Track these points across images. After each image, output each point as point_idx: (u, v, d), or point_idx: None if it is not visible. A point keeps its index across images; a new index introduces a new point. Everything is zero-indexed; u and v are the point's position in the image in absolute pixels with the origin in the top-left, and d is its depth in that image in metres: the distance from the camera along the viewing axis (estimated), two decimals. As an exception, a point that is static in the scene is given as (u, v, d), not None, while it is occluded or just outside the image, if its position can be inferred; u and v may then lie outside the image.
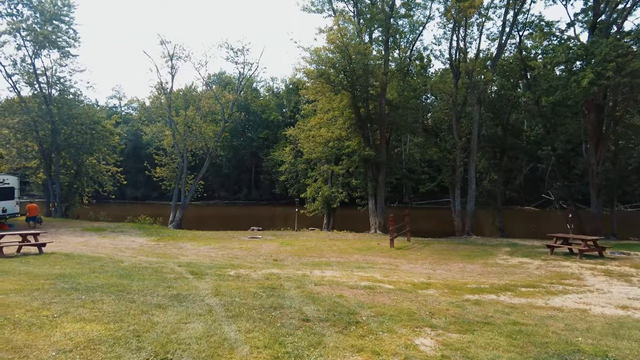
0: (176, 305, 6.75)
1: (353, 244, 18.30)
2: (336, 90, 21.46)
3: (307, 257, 14.63)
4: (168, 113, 29.33)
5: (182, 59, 30.22)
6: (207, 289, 8.20)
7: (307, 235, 22.60)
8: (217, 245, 17.74)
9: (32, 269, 10.25)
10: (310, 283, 9.21)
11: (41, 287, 7.81)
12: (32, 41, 29.42)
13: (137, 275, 9.61)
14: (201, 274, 10.09)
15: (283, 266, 12.24)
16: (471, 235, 23.86)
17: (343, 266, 12.54)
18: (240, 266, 11.70)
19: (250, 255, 15.08)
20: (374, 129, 24.25)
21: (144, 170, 67.01)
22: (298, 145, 52.75)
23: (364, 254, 15.56)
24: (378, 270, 11.97)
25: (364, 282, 9.68)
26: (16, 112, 30.46)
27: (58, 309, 6.22)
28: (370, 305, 7.36)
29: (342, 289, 8.72)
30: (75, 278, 8.96)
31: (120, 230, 23.55)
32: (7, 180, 22.90)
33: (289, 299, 7.58)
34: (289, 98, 72.30)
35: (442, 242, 19.99)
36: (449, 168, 25.12)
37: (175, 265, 11.58)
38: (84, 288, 7.81)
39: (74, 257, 13.00)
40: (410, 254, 16.02)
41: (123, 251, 15.32)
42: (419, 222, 31.22)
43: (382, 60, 22.29)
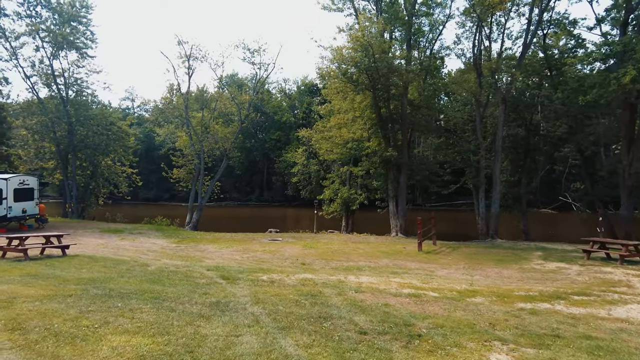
0: (219, 314, 6.33)
1: (378, 247, 17.78)
2: (358, 90, 20.98)
3: (335, 260, 14.16)
4: (185, 114, 29.08)
5: (199, 60, 29.96)
6: (245, 296, 7.79)
7: (328, 237, 22.12)
8: (239, 248, 17.34)
9: (59, 273, 9.92)
10: (349, 290, 8.76)
11: (74, 293, 7.45)
12: (50, 42, 29.41)
13: (167, 280, 9.23)
14: (233, 279, 9.68)
15: (314, 270, 11.79)
16: (495, 238, 23.21)
17: (375, 271, 12.05)
18: (270, 270, 11.27)
19: (276, 258, 14.65)
20: (395, 129, 23.71)
21: (156, 172, 67.10)
22: (312, 147, 52.44)
23: (393, 258, 15.04)
24: (414, 276, 11.45)
25: (406, 289, 9.19)
26: (35, 113, 30.47)
27: (97, 318, 5.83)
28: (423, 315, 6.89)
29: (386, 297, 8.25)
30: (106, 283, 8.60)
31: (138, 231, 23.29)
32: (27, 181, 22.75)
33: (334, 307, 7.13)
34: (301, 99, 71.99)
35: (469, 246, 19.38)
36: (473, 169, 24.49)
37: (203, 269, 11.18)
38: (117, 295, 7.43)
39: (98, 259, 12.69)
40: (441, 258, 15.47)
41: (145, 254, 14.98)
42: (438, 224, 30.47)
43: (403, 59, 21.74)
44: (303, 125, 57.49)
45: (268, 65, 31.06)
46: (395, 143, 23.63)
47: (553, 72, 25.86)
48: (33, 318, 5.69)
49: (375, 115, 22.98)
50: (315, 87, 70.30)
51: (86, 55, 31.16)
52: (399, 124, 23.61)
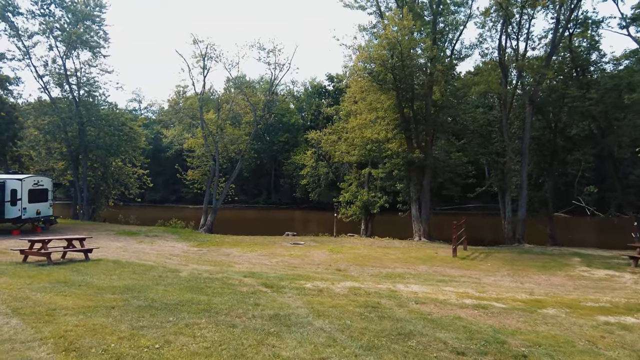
0: (286, 331, 5.64)
1: (408, 253, 17.04)
2: (385, 89, 20.28)
3: (370, 267, 13.45)
4: (200, 114, 28.46)
5: (214, 60, 29.34)
6: (301, 307, 7.09)
7: (351, 242, 21.41)
8: (264, 252, 16.64)
9: (89, 280, 9.24)
10: (408, 301, 8.06)
11: (115, 304, 6.77)
12: (63, 41, 28.88)
13: (207, 289, 8.55)
14: (277, 287, 8.98)
15: (354, 278, 11.08)
16: (523, 243, 22.46)
17: (420, 279, 11.34)
18: (309, 277, 10.56)
19: (307, 263, 13.95)
20: (418, 130, 22.99)
21: (162, 174, 66.59)
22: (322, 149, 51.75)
23: (429, 264, 14.31)
24: (462, 284, 10.73)
25: (466, 299, 8.48)
26: (47, 113, 29.93)
27: (154, 336, 5.14)
28: (508, 330, 6.20)
29: (452, 309, 7.55)
30: (144, 292, 7.92)
31: (153, 234, 22.64)
32: (42, 182, 22.13)
33: (406, 321, 6.43)
34: (309, 101, 71.40)
35: (501, 251, 18.63)
36: (498, 172, 23.75)
37: (239, 275, 10.50)
38: (162, 306, 6.74)
39: (123, 264, 12.03)
40: (479, 264, 14.73)
41: (170, 258, 14.31)
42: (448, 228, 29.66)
43: (432, 58, 21.05)
44: (311, 128, 56.88)
45: (283, 66, 30.49)
46: (418, 144, 22.91)
47: (579, 72, 25.17)
48: (84, 335, 5.01)
49: (399, 116, 22.29)
50: (323, 89, 69.73)
51: (100, 54, 30.63)
52: (423, 124, 22.89)
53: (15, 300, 6.82)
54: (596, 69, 23.84)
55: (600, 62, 24.79)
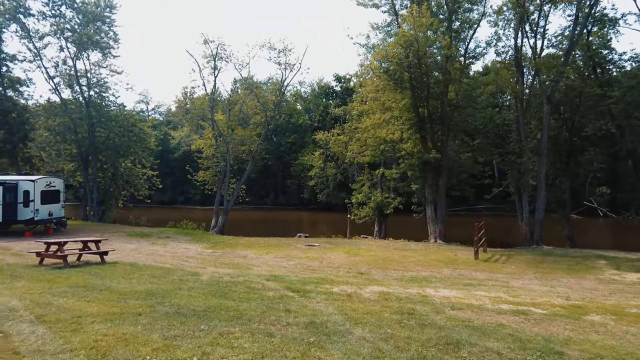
0: (326, 340, 5.31)
1: (427, 255, 16.65)
2: (402, 87, 19.90)
3: (392, 270, 13.08)
4: (211, 115, 28.23)
5: (224, 60, 29.09)
6: (334, 314, 6.76)
7: (366, 244, 21.03)
8: (280, 254, 16.32)
9: (109, 284, 8.97)
10: (443, 306, 7.71)
11: (141, 310, 6.47)
12: (74, 42, 28.78)
13: (232, 293, 8.24)
14: (303, 291, 8.66)
15: (378, 282, 10.72)
16: (541, 244, 21.98)
17: (447, 283, 10.95)
18: (333, 281, 10.22)
19: (326, 266, 13.60)
20: (434, 129, 22.58)
21: (170, 175, 66.48)
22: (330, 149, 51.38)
23: (452, 267, 13.91)
24: (492, 287, 10.34)
25: (502, 304, 8.11)
26: (57, 114, 29.83)
27: (189, 347, 4.82)
28: (559, 339, 5.84)
29: (491, 315, 7.18)
30: (168, 297, 7.62)
31: (165, 235, 22.39)
32: (54, 183, 21.97)
33: (449, 329, 6.09)
34: (316, 102, 71.08)
35: (522, 253, 18.18)
36: (515, 172, 23.29)
37: (261, 279, 10.18)
38: (191, 313, 6.43)
39: (140, 267, 11.77)
40: (502, 267, 14.31)
41: (186, 260, 14.02)
42: (459, 230, 29.16)
43: (449, 56, 20.65)
44: (319, 128, 56.54)
45: (293, 66, 30.20)
46: (434, 144, 22.50)
47: (598, 70, 24.66)
48: (115, 346, 4.70)
49: (414, 115, 21.90)
50: (331, 90, 69.38)
51: (110, 55, 30.51)
52: (438, 124, 22.48)
53: (38, 306, 6.54)
54: (615, 67, 23.31)
55: (620, 60, 24.27)
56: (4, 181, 19.97)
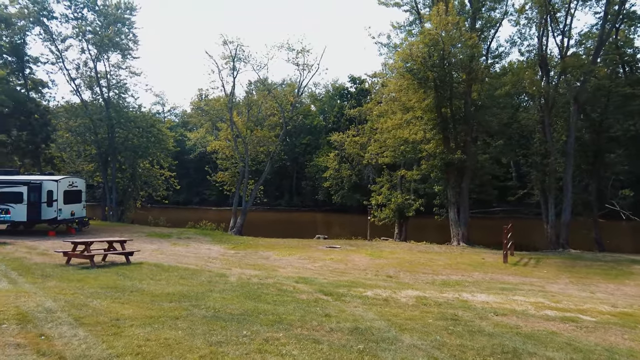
0: (376, 348, 5.06)
1: (454, 258, 16.25)
2: (428, 87, 19.54)
3: (421, 273, 12.75)
4: (230, 115, 28.18)
5: (242, 61, 29.03)
6: (377, 319, 6.50)
7: (388, 246, 20.70)
8: (302, 256, 16.09)
9: (139, 285, 8.85)
10: (486, 312, 7.40)
11: (178, 314, 6.30)
12: (95, 44, 29.07)
13: (265, 296, 8.05)
14: (336, 295, 8.42)
15: (410, 285, 10.42)
16: (567, 248, 21.38)
17: (481, 287, 10.59)
18: (364, 285, 9.95)
19: (352, 269, 13.33)
20: (457, 130, 22.14)
21: (185, 176, 66.92)
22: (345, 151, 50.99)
23: (482, 271, 13.52)
24: (529, 292, 9.95)
25: (546, 310, 7.76)
26: (79, 115, 30.16)
27: (237, 353, 4.62)
28: (623, 351, 5.51)
29: (539, 322, 6.86)
30: (201, 300, 7.44)
31: (185, 236, 22.36)
32: (76, 183, 22.13)
33: (500, 337, 5.79)
34: (331, 104, 70.84)
35: (551, 257, 17.65)
36: (540, 174, 22.71)
37: (290, 281, 9.97)
38: (229, 317, 6.24)
39: (166, 268, 11.65)
40: (534, 271, 13.86)
41: (210, 261, 13.89)
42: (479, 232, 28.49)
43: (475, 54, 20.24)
44: (334, 130, 56.25)
45: (311, 66, 29.99)
46: (457, 145, 22.07)
47: (626, 68, 23.96)
48: (161, 352, 4.52)
49: (436, 115, 21.51)
50: (346, 91, 69.05)
51: (130, 56, 30.75)
52: (462, 124, 22.04)
53: (74, 307, 6.41)
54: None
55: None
56: (29, 181, 20.17)
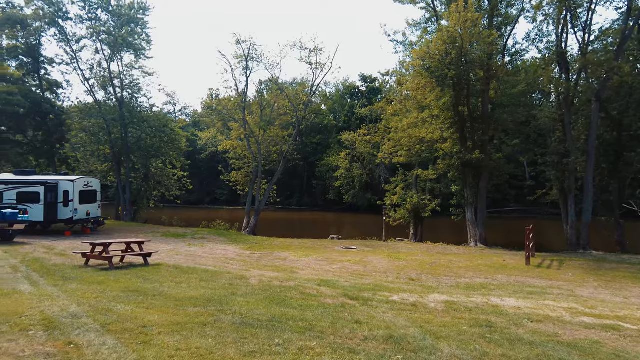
0: (415, 358, 4.80)
1: (474, 260, 15.91)
2: (446, 85, 19.19)
3: (443, 276, 12.45)
4: (243, 115, 28.08)
5: (255, 60, 28.89)
6: (409, 326, 6.26)
7: (404, 247, 20.41)
8: (319, 257, 15.89)
9: (159, 288, 8.72)
10: (519, 318, 7.14)
11: (204, 320, 6.13)
12: (109, 45, 29.17)
13: (290, 300, 7.86)
14: (362, 299, 8.20)
15: (434, 289, 10.14)
16: (588, 249, 20.86)
17: (507, 290, 10.28)
18: (388, 289, 9.70)
19: (372, 271, 13.08)
20: (475, 128, 21.75)
21: (196, 176, 67.20)
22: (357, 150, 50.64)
23: (505, 273, 13.18)
24: (559, 297, 9.62)
25: (582, 317, 7.46)
26: (93, 115, 30.31)
27: (273, 364, 4.41)
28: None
29: (579, 330, 6.56)
30: (226, 304, 7.27)
31: (200, 236, 22.30)
32: (91, 184, 22.20)
33: (543, 346, 5.54)
34: (342, 103, 70.51)
35: (573, 259, 17.21)
36: (560, 174, 22.21)
37: (312, 284, 9.77)
38: (257, 323, 6.05)
39: (185, 270, 11.53)
40: (558, 273, 13.47)
41: (228, 263, 13.76)
42: (493, 233, 27.98)
43: (494, 51, 19.88)
44: (344, 129, 55.93)
45: (324, 65, 29.74)
46: (474, 144, 21.68)
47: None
48: (194, 363, 4.33)
49: (453, 114, 21.15)
50: (356, 90, 68.71)
51: (144, 56, 30.80)
52: (479, 123, 21.65)
53: (99, 312, 6.28)
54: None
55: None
56: (46, 181, 20.26)
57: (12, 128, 29.26)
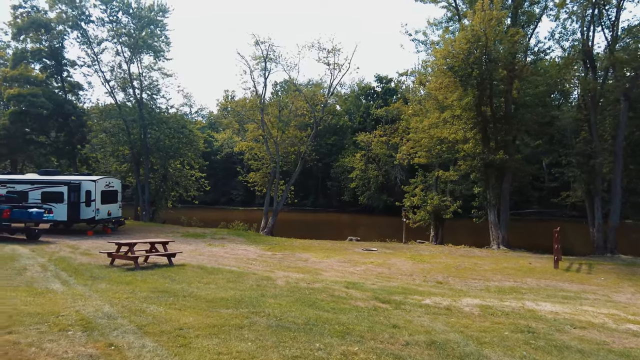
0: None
1: (500, 263, 15.57)
2: (471, 85, 18.88)
3: (470, 279, 12.18)
4: (261, 116, 28.11)
5: (273, 61, 28.88)
6: (448, 331, 6.07)
7: (426, 249, 20.14)
8: (341, 259, 15.73)
9: (188, 288, 8.68)
10: (560, 324, 6.92)
11: (240, 322, 6.03)
12: (129, 46, 29.50)
13: (321, 303, 7.74)
14: (394, 303, 8.02)
15: (465, 292, 9.91)
16: (616, 253, 20.31)
17: (539, 294, 10.00)
18: (419, 292, 9.50)
19: (397, 273, 12.86)
20: (497, 129, 21.34)
21: (212, 176, 67.62)
22: (372, 151, 50.22)
23: (534, 277, 12.84)
24: (596, 302, 9.29)
25: (628, 324, 7.19)
26: (113, 116, 30.69)
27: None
28: None
29: (627, 338, 6.35)
30: (258, 306, 7.16)
31: (219, 236, 22.33)
32: (112, 184, 22.43)
33: (592, 355, 5.35)
34: (357, 104, 70.18)
35: (602, 262, 16.74)
36: (586, 175, 21.67)
37: (340, 286, 9.63)
38: (294, 327, 5.92)
39: (209, 270, 11.49)
40: (590, 278, 13.08)
41: (250, 263, 13.69)
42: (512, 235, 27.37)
43: (518, 50, 19.50)
44: (360, 130, 55.57)
45: (342, 66, 29.57)
46: (497, 144, 21.27)
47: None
48: (240, 368, 4.22)
49: (476, 114, 20.78)
50: (372, 91, 68.28)
51: (163, 58, 31.09)
52: (502, 123, 21.23)
53: (132, 313, 6.23)
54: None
55: None
56: (69, 181, 20.53)
57: (35, 129, 29.79)
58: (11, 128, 28.47)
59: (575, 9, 22.96)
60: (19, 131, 28.69)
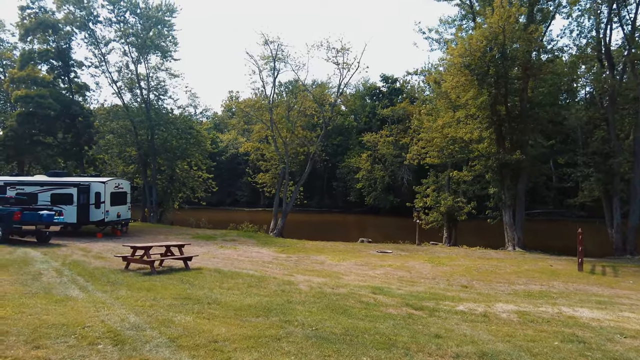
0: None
1: (520, 266, 15.20)
2: (487, 83, 18.51)
3: (495, 283, 11.83)
4: (270, 116, 27.79)
5: (282, 61, 28.55)
6: (494, 341, 5.75)
7: (443, 251, 19.80)
8: (358, 262, 15.40)
9: (210, 294, 8.38)
10: (607, 332, 6.61)
11: (275, 333, 5.71)
12: (137, 47, 29.26)
13: (352, 310, 7.45)
14: (427, 309, 7.71)
15: (494, 297, 9.55)
16: (636, 254, 19.90)
17: (571, 299, 9.64)
18: (450, 298, 9.16)
19: (419, 277, 12.51)
20: (512, 128, 20.96)
21: (217, 177, 67.53)
22: (379, 151, 49.81)
23: (560, 280, 12.47)
24: (635, 308, 8.90)
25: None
26: (120, 117, 30.45)
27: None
28: None
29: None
30: (289, 314, 6.86)
31: (230, 238, 22.05)
32: (121, 185, 22.17)
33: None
34: (362, 103, 69.81)
35: (627, 265, 16.36)
36: (604, 175, 21.25)
37: (366, 291, 9.33)
38: (333, 338, 5.60)
39: (227, 274, 11.19)
40: (617, 281, 12.70)
41: (267, 267, 13.37)
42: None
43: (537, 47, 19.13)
44: (365, 130, 55.17)
45: (351, 65, 29.21)
46: (512, 144, 20.89)
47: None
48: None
49: (491, 113, 20.41)
50: (377, 91, 67.82)
51: (170, 58, 30.83)
52: (517, 122, 20.86)
53: (161, 324, 5.91)
54: None
55: None
56: (78, 183, 20.28)
57: (42, 130, 29.59)
58: (18, 129, 28.30)
59: (587, 6, 22.61)
60: (27, 132, 28.51)
